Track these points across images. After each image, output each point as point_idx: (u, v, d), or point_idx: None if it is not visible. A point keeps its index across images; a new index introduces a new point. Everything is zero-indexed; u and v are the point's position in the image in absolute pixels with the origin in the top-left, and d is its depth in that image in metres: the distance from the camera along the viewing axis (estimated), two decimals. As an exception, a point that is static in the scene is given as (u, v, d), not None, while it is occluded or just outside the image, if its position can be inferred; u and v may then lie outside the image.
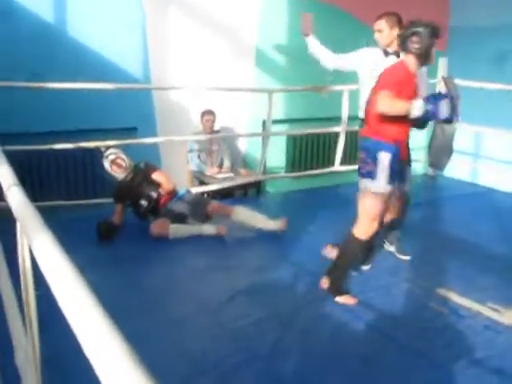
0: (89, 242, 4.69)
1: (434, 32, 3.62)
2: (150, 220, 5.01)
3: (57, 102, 5.37)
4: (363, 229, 3.77)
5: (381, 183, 3.62)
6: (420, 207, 6.43)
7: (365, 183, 3.75)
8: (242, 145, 7.04)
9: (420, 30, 3.61)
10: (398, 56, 3.97)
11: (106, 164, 5.17)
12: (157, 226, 4.86)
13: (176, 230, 4.90)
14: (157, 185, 5.11)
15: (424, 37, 3.62)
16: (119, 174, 5.15)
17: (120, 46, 5.91)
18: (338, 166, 6.98)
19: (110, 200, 5.17)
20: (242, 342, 3.31)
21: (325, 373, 3.02)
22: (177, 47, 6.27)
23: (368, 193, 3.69)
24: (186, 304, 3.84)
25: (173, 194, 5.14)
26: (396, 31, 4.04)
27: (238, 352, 3.18)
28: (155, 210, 5.04)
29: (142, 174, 5.15)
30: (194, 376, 2.93)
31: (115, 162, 5.14)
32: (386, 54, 4.24)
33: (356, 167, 3.99)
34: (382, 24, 4.25)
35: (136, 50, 6.07)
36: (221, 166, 6.65)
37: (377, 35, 4.28)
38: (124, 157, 5.16)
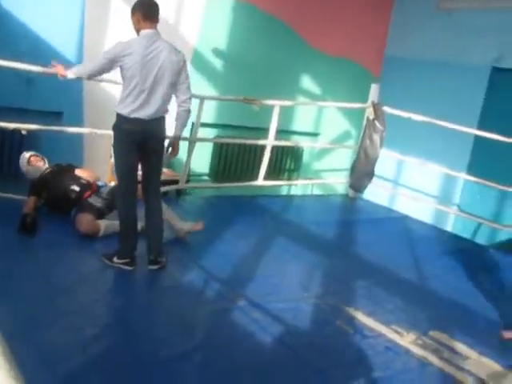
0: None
1: None
2: (73, 213, 4.83)
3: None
4: None
5: None
6: (336, 226, 6.56)
7: None
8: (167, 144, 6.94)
9: None
10: None
11: (24, 160, 5.05)
12: (84, 224, 4.65)
13: (107, 227, 4.74)
14: (78, 179, 5.01)
15: None
16: (37, 167, 5.04)
17: (56, 27, 5.74)
18: (261, 181, 6.99)
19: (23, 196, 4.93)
20: (144, 342, 3.25)
21: (224, 381, 3.00)
22: (114, 37, 6.13)
23: None
24: (92, 298, 3.72)
25: (96, 188, 5.01)
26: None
27: (138, 352, 3.11)
28: (79, 201, 4.88)
29: (63, 169, 5.08)
30: (90, 374, 2.84)
31: (32, 159, 5.06)
32: None
33: (277, 183, 4.00)
34: None
35: (72, 34, 5.91)
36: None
37: None
38: (41, 157, 5.13)
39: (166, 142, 4.38)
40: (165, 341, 3.29)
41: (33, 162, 5.06)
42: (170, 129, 4.28)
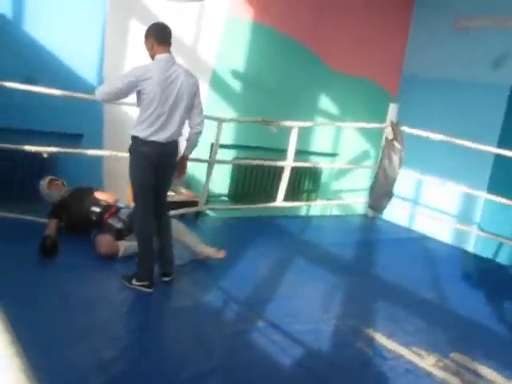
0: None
1: None
2: (92, 235, 4.87)
3: (4, 98, 5.22)
4: None
5: None
6: (356, 247, 6.53)
7: None
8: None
9: None
10: None
11: (43, 183, 5.15)
12: (104, 245, 4.68)
13: (126, 248, 4.76)
14: (98, 201, 5.09)
15: None
16: (57, 191, 5.13)
17: (77, 50, 5.81)
18: (280, 202, 7.00)
19: (43, 219, 4.98)
20: (164, 363, 3.25)
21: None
22: (134, 60, 6.20)
23: None
24: (110, 318, 3.74)
25: (115, 210, 5.06)
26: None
27: (158, 373, 3.11)
28: (99, 223, 4.93)
29: (83, 192, 5.15)
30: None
31: (52, 182, 5.16)
32: None
33: (296, 204, 4.03)
34: None
35: (92, 58, 5.98)
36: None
37: None
38: (61, 181, 5.25)
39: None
40: (183, 362, 3.29)
41: (53, 186, 5.14)
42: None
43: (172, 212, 5.86)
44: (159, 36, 4.02)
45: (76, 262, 4.55)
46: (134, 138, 4.05)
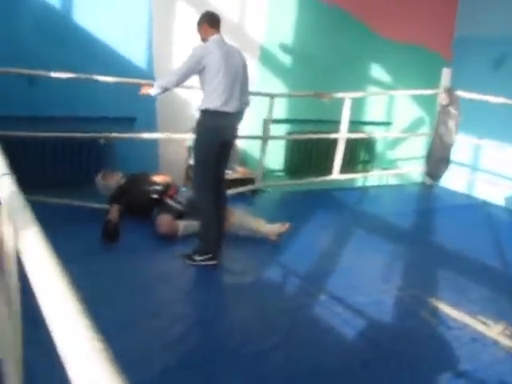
0: (84, 235, 4.69)
1: None
2: (153, 215, 4.97)
3: (57, 88, 5.35)
4: None
5: None
6: (415, 216, 6.45)
7: None
8: (241, 143, 7.02)
9: None
10: None
11: (98, 178, 5.29)
12: (164, 225, 4.80)
13: (186, 227, 4.87)
14: (156, 183, 5.20)
15: None
16: (113, 180, 5.26)
17: (125, 35, 5.89)
18: (336, 175, 6.97)
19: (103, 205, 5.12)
20: (227, 340, 3.31)
21: (308, 377, 3.01)
22: (182, 41, 6.24)
23: None
24: (177, 297, 3.82)
25: (176, 190, 5.15)
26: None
27: (222, 350, 3.17)
28: (159, 203, 5.04)
29: (139, 177, 5.27)
30: (176, 369, 2.92)
31: (107, 173, 5.30)
32: None
33: (353, 176, 4.00)
34: None
35: (141, 42, 6.05)
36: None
37: None
38: (116, 172, 5.36)
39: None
40: (247, 337, 3.34)
41: (107, 177, 5.27)
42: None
43: (229, 190, 5.95)
44: (211, 19, 4.26)
45: (138, 242, 4.67)
46: (204, 112, 4.15)
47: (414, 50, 8.11)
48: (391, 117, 8.40)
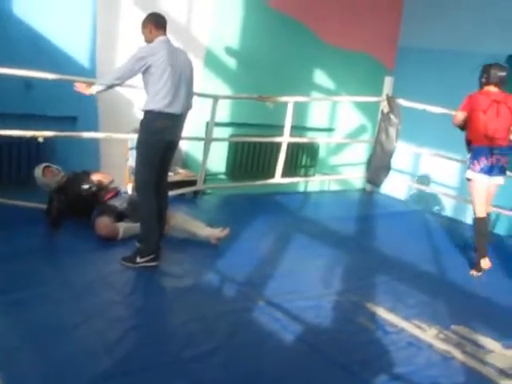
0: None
1: None
2: (92, 216, 4.85)
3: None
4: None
5: None
6: (355, 222, 6.54)
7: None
8: (183, 145, 6.96)
9: None
10: None
11: (39, 173, 5.11)
12: (104, 227, 4.70)
13: (126, 229, 4.79)
14: (96, 181, 5.10)
15: None
16: (53, 178, 5.10)
17: (67, 32, 5.76)
18: (278, 178, 7.00)
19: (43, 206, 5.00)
20: (166, 343, 3.27)
21: (247, 379, 3.00)
22: (126, 41, 6.16)
23: None
24: (113, 300, 3.75)
25: (115, 191, 5.06)
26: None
27: (161, 354, 3.12)
28: (95, 202, 4.93)
29: (79, 175, 5.15)
30: (116, 375, 2.86)
31: (47, 170, 5.12)
32: None
33: (294, 180, 4.03)
34: None
35: (84, 39, 5.94)
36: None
37: None
38: (55, 167, 5.17)
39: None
40: (186, 342, 3.30)
41: (47, 174, 5.11)
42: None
43: (171, 192, 5.89)
44: (156, 22, 4.23)
45: (76, 245, 4.58)
46: (148, 113, 4.12)
47: (358, 57, 8.26)
48: (334, 123, 8.51)
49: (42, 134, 5.05)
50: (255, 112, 7.13)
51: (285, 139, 6.88)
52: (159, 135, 4.12)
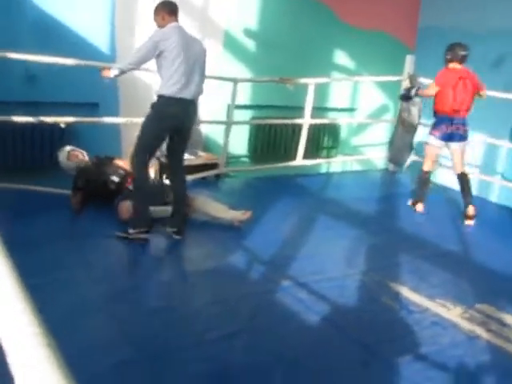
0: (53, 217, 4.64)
1: None
2: (115, 202, 4.89)
3: (17, 71, 5.23)
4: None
5: None
6: (378, 202, 6.51)
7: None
8: (204, 127, 6.97)
9: None
10: None
11: (63, 155, 5.16)
12: (125, 211, 4.71)
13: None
14: (118, 169, 5.12)
15: None
16: (77, 162, 5.16)
17: (87, 19, 5.78)
18: (300, 160, 6.99)
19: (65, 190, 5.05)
20: (188, 327, 3.29)
21: (270, 361, 3.02)
22: (144, 25, 6.15)
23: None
24: (135, 284, 3.79)
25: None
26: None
27: (183, 337, 3.15)
28: (120, 191, 4.96)
29: (102, 161, 5.18)
30: (138, 359, 2.89)
31: (72, 154, 5.18)
32: None
33: (316, 161, 4.03)
34: None
35: (103, 25, 5.95)
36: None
37: None
38: (80, 151, 5.24)
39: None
40: (210, 323, 3.33)
41: (72, 157, 5.16)
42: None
43: (192, 176, 5.92)
44: (169, 8, 4.28)
45: (99, 229, 4.61)
46: (161, 97, 4.20)
47: (379, 36, 8.16)
48: (355, 103, 8.45)
49: (63, 120, 5.10)
50: (276, 94, 7.10)
51: (306, 121, 6.86)
52: (164, 121, 4.24)
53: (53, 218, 4.66)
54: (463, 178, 5.89)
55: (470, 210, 5.78)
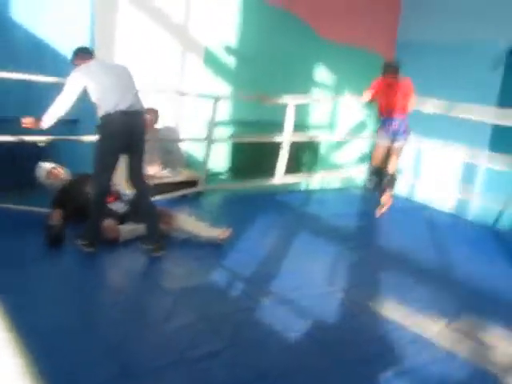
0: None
1: None
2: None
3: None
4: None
5: None
6: (357, 218, 6.55)
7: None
8: (184, 145, 6.96)
9: None
10: None
11: (43, 172, 5.14)
12: (106, 230, 4.68)
13: (128, 231, 4.82)
14: None
15: None
16: (58, 180, 5.13)
17: (65, 35, 5.74)
18: (280, 177, 7.04)
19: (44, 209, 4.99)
20: (171, 345, 3.27)
21: (253, 378, 3.01)
22: (124, 43, 6.15)
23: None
24: (115, 301, 3.77)
25: (116, 195, 5.06)
26: None
27: (166, 355, 3.13)
28: None
29: (83, 178, 5.10)
30: (120, 378, 2.86)
31: (52, 172, 5.15)
32: None
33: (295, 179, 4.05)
34: None
35: (82, 40, 5.92)
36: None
37: None
38: (61, 169, 5.22)
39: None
40: (192, 342, 3.30)
41: (53, 175, 5.12)
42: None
43: (173, 193, 5.92)
44: (81, 53, 4.64)
45: (79, 248, 4.56)
46: (102, 118, 4.35)
47: (358, 52, 8.22)
48: (335, 120, 8.49)
49: (41, 140, 5.05)
50: (256, 110, 7.12)
51: (286, 138, 6.90)
52: (113, 138, 4.36)
53: (35, 236, 4.61)
54: (379, 168, 6.78)
55: (385, 198, 6.70)
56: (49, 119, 4.47)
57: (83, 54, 4.62)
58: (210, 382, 2.94)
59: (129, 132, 4.37)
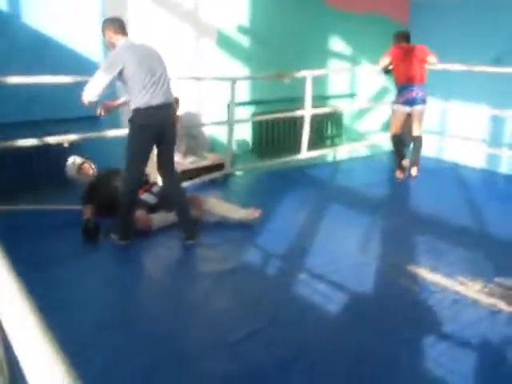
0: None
1: None
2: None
3: (15, 92, 5.24)
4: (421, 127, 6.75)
5: None
6: (387, 185, 6.50)
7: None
8: (207, 129, 6.97)
9: None
10: None
11: (73, 167, 5.18)
12: (138, 220, 4.72)
13: (160, 220, 4.86)
14: None
15: None
16: (87, 175, 5.18)
17: (77, 30, 5.77)
18: (304, 153, 7.00)
19: (77, 207, 5.05)
20: (212, 328, 3.30)
21: (295, 355, 3.02)
22: (136, 31, 6.15)
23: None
24: (152, 295, 3.82)
25: (148, 186, 5.11)
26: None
27: (208, 339, 3.17)
28: None
29: (111, 172, 5.16)
30: (160, 363, 2.92)
31: (82, 168, 5.20)
32: None
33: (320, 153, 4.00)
34: None
35: (94, 39, 5.93)
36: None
37: None
38: (90, 163, 5.26)
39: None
40: (231, 323, 3.34)
41: (84, 170, 5.18)
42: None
43: (200, 178, 5.94)
44: (114, 26, 4.33)
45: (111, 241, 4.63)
46: (135, 111, 4.30)
47: (372, 18, 8.10)
48: (355, 88, 8.41)
49: (66, 139, 5.11)
50: (275, 87, 7.09)
51: (307, 112, 6.86)
52: (145, 131, 4.32)
53: (69, 234, 4.68)
54: (400, 135, 6.82)
55: (406, 162, 6.77)
56: (93, 98, 4.33)
57: (117, 28, 4.33)
58: (251, 363, 2.97)
59: (161, 124, 4.37)
